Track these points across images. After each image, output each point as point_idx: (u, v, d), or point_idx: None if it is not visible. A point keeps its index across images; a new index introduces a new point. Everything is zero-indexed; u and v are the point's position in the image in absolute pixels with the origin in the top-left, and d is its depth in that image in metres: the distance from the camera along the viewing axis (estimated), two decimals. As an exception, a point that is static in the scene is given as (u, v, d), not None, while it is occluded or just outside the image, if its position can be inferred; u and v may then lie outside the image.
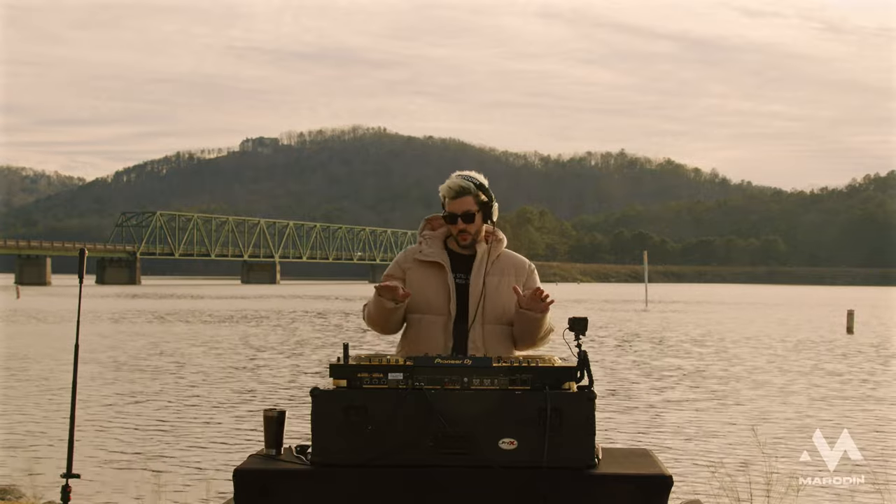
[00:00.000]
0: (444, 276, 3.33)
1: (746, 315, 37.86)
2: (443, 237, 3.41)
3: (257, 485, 2.80)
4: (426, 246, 3.39)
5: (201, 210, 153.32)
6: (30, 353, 17.47)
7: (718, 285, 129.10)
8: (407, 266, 3.38)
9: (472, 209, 3.32)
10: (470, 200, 3.32)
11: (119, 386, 12.55)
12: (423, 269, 3.35)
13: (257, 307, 41.29)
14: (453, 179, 3.37)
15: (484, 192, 3.36)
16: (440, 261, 3.34)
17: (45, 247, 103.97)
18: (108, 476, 7.04)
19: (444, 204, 3.36)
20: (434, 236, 3.42)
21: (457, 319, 3.29)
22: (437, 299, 3.31)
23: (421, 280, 3.34)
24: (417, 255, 3.38)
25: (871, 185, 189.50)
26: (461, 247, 3.37)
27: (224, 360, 16.51)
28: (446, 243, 3.40)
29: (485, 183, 3.38)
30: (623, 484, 2.75)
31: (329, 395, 2.82)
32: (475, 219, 3.33)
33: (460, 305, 3.31)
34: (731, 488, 5.38)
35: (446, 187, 3.35)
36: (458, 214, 3.32)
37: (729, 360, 17.07)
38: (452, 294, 3.31)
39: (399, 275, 3.36)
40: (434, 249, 3.37)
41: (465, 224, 3.32)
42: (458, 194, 3.32)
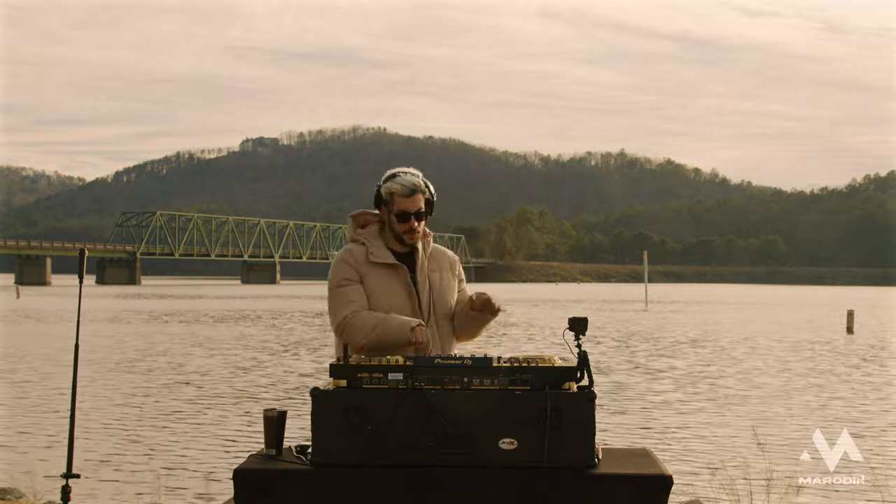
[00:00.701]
0: (404, 278, 3.31)
1: (746, 315, 37.86)
2: (379, 235, 3.37)
3: (257, 485, 2.80)
4: (374, 247, 3.33)
5: (201, 210, 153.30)
6: (29, 353, 17.46)
7: (718, 285, 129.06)
8: (363, 270, 3.29)
9: (423, 208, 3.32)
10: (421, 198, 3.31)
11: (119, 386, 12.55)
12: (381, 271, 3.30)
13: (257, 307, 41.28)
14: (404, 177, 3.31)
15: (429, 190, 3.36)
16: (396, 262, 3.31)
17: (45, 247, 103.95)
18: (108, 476, 7.04)
19: (388, 201, 3.31)
20: (372, 235, 3.37)
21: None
22: (402, 303, 3.28)
23: (381, 283, 3.29)
24: (371, 257, 3.30)
25: (871, 185, 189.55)
26: (405, 245, 3.34)
27: (224, 360, 16.51)
28: (386, 242, 3.37)
29: (425, 179, 3.39)
30: (623, 484, 2.75)
31: (329, 395, 2.82)
32: (424, 217, 3.34)
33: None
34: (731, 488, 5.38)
35: (398, 185, 3.29)
36: (411, 213, 3.29)
37: (729, 361, 17.07)
38: (415, 295, 3.30)
39: (357, 279, 3.28)
40: (382, 250, 3.33)
41: (416, 222, 3.30)
42: (412, 192, 3.29)
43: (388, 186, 3.31)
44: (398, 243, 3.36)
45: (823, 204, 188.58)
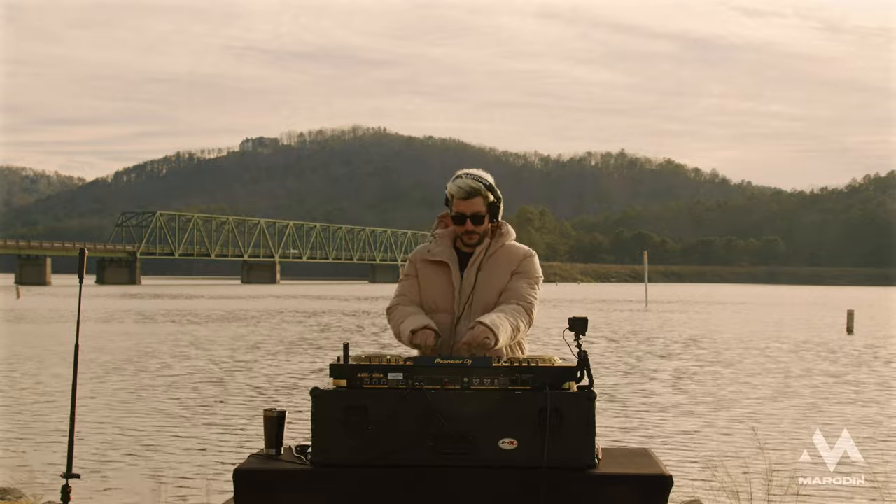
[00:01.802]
0: (449, 276, 3.33)
1: (746, 315, 37.85)
2: (452, 235, 3.41)
3: (257, 485, 2.80)
4: (435, 245, 3.39)
5: (201, 210, 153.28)
6: (29, 353, 17.46)
7: (718, 285, 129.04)
8: (419, 265, 3.40)
9: (482, 211, 3.30)
10: (479, 202, 3.29)
11: (118, 386, 12.54)
12: (432, 268, 3.37)
13: (256, 307, 41.28)
14: (463, 179, 3.31)
15: (493, 193, 3.34)
16: (447, 260, 3.34)
17: (45, 247, 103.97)
18: (108, 476, 7.04)
19: (450, 202, 3.34)
20: (444, 234, 3.42)
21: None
22: (444, 298, 3.32)
23: (429, 279, 3.36)
24: (426, 254, 3.39)
25: (871, 185, 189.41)
26: (467, 246, 3.37)
27: (224, 359, 16.51)
28: (456, 242, 3.40)
29: (493, 182, 3.36)
30: (623, 484, 2.75)
31: (329, 395, 2.82)
32: (484, 220, 3.31)
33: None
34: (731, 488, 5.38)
35: (456, 187, 3.30)
36: (466, 215, 3.30)
37: (728, 361, 17.07)
38: (457, 293, 3.32)
39: (414, 273, 3.40)
40: (442, 248, 3.37)
41: (473, 226, 3.31)
42: (468, 195, 3.29)
43: (449, 187, 3.35)
44: (463, 244, 3.39)
45: (823, 204, 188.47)
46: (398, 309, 3.34)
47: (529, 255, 3.39)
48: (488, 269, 3.32)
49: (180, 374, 14.09)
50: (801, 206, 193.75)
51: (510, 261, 3.35)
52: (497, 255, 3.35)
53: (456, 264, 3.34)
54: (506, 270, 3.33)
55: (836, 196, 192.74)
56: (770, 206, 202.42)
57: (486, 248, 3.35)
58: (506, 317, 3.16)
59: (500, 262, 3.34)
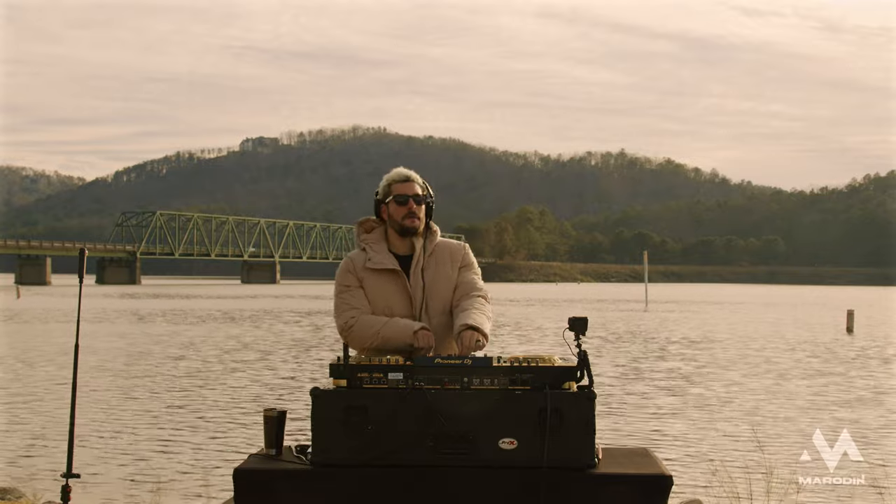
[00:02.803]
0: (402, 282, 3.32)
1: (746, 315, 37.85)
2: (383, 239, 3.40)
3: (257, 485, 2.80)
4: (373, 253, 3.35)
5: (201, 210, 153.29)
6: (29, 352, 17.47)
7: (718, 285, 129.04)
8: (361, 275, 3.33)
9: (420, 193, 3.35)
10: (417, 186, 3.36)
11: (118, 386, 12.54)
12: (378, 277, 3.32)
13: (254, 307, 41.28)
14: (397, 169, 3.42)
15: (426, 189, 3.40)
16: (394, 267, 3.32)
17: (45, 247, 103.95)
18: (108, 476, 7.04)
19: (386, 193, 3.36)
20: (376, 240, 3.39)
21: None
22: (400, 305, 3.29)
23: (378, 288, 3.31)
24: (368, 263, 3.33)
25: (871, 185, 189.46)
26: (406, 232, 3.34)
27: (224, 359, 16.51)
28: (389, 246, 3.39)
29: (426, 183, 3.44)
30: (623, 484, 2.75)
31: (329, 395, 2.82)
32: (423, 203, 3.35)
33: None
34: (731, 488, 5.38)
35: (393, 174, 3.39)
36: (409, 195, 3.33)
37: (729, 360, 17.07)
38: (414, 297, 3.31)
39: (357, 284, 3.32)
40: (382, 256, 3.34)
41: (416, 206, 3.33)
42: (407, 179, 3.36)
43: (384, 180, 3.40)
44: (400, 243, 3.37)
45: (823, 204, 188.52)
46: (362, 320, 3.24)
47: (466, 247, 3.47)
48: (432, 268, 3.34)
49: (180, 374, 14.09)
50: (801, 206, 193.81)
51: (452, 256, 3.39)
52: (436, 254, 3.38)
53: (399, 269, 3.32)
54: (452, 266, 3.37)
55: (836, 196, 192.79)
56: (770, 206, 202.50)
57: (424, 248, 3.37)
58: (480, 311, 3.23)
59: (443, 259, 3.37)
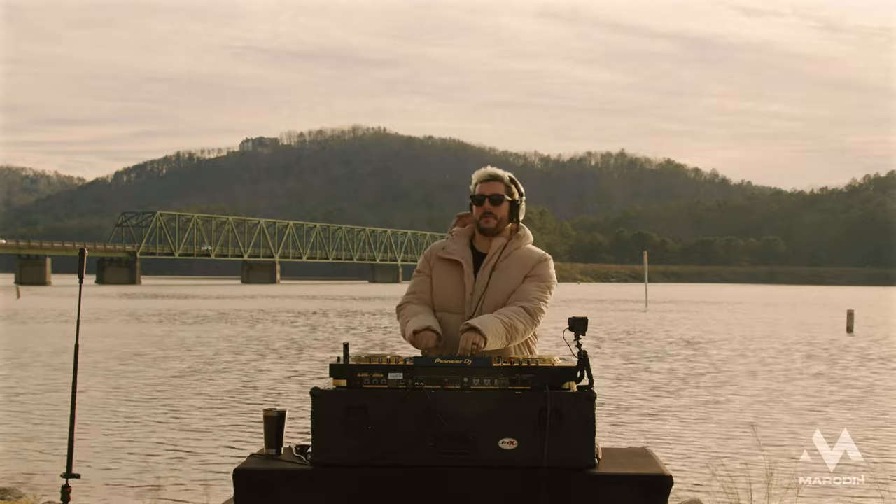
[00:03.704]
0: (462, 275, 3.31)
1: (746, 315, 37.85)
2: (469, 235, 3.40)
3: (257, 485, 2.80)
4: (451, 243, 3.39)
5: (201, 210, 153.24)
6: (29, 352, 17.46)
7: (718, 285, 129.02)
8: (433, 262, 3.39)
9: (501, 193, 3.31)
10: (500, 186, 3.32)
11: (118, 386, 12.54)
12: (445, 266, 3.35)
13: (256, 307, 41.28)
14: (486, 168, 3.40)
15: (515, 187, 3.36)
16: (461, 259, 3.33)
17: (45, 247, 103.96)
18: (108, 476, 7.04)
19: (473, 190, 3.36)
20: (461, 233, 3.41)
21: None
22: (455, 298, 3.30)
23: (442, 277, 3.35)
24: (441, 251, 3.38)
25: (871, 185, 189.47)
26: (484, 233, 3.33)
27: (224, 359, 16.50)
28: (472, 241, 3.39)
29: (516, 180, 3.39)
30: (623, 484, 2.75)
31: (329, 395, 2.82)
32: (502, 203, 3.31)
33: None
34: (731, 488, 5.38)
35: (480, 172, 3.37)
36: (486, 195, 3.31)
37: (728, 360, 17.07)
38: (468, 293, 3.30)
39: (427, 271, 3.39)
40: (458, 247, 3.36)
41: (491, 206, 3.30)
42: (490, 178, 3.34)
43: (473, 175, 3.39)
44: (484, 241, 3.36)
45: (823, 204, 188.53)
46: (407, 307, 3.34)
47: (544, 259, 3.37)
48: (502, 269, 3.30)
49: (180, 374, 14.09)
50: (801, 206, 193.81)
51: (525, 264, 3.33)
52: (512, 257, 3.33)
53: (470, 264, 3.32)
54: (519, 273, 3.31)
55: (836, 196, 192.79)
56: (770, 206, 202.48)
57: (502, 249, 3.33)
58: (498, 317, 3.14)
59: (515, 265, 3.32)
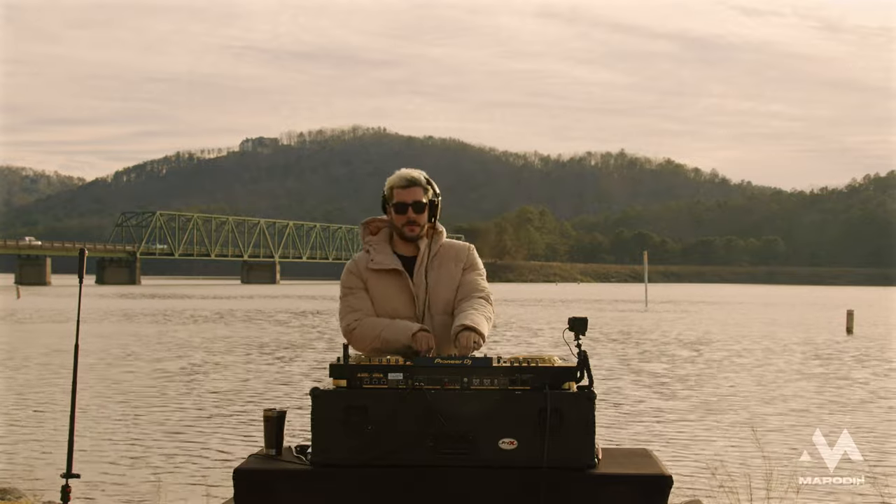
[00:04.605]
0: (405, 283, 3.30)
1: (745, 315, 37.85)
2: (387, 240, 3.37)
3: (257, 485, 2.80)
4: (376, 253, 3.33)
5: (201, 210, 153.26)
6: (29, 352, 17.46)
7: (718, 285, 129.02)
8: (365, 276, 3.32)
9: (422, 199, 3.29)
10: (419, 191, 3.30)
11: (118, 386, 12.54)
12: (381, 278, 3.31)
13: (256, 307, 41.28)
14: (402, 171, 3.35)
15: (432, 188, 3.34)
16: (397, 267, 3.30)
17: (45, 247, 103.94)
18: (108, 476, 7.04)
19: (389, 196, 3.32)
20: (379, 241, 3.37)
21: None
22: (404, 306, 3.28)
23: (382, 289, 3.30)
24: (370, 264, 3.32)
25: (871, 185, 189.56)
26: (406, 240, 3.33)
27: (224, 359, 16.51)
28: (393, 246, 3.37)
29: (431, 180, 3.37)
30: (623, 484, 2.75)
31: (329, 395, 2.81)
32: (424, 210, 3.30)
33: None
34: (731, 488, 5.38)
35: (395, 178, 3.32)
36: (408, 203, 3.28)
37: (728, 361, 17.07)
38: (416, 298, 3.29)
39: (361, 286, 3.31)
40: (385, 256, 3.32)
41: (415, 214, 3.28)
42: (409, 184, 3.30)
43: (387, 182, 3.34)
44: (404, 245, 3.35)
45: (823, 204, 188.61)
46: (364, 322, 3.24)
47: (471, 248, 3.43)
48: (436, 268, 3.32)
49: (180, 374, 14.09)
50: (801, 206, 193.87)
51: (456, 256, 3.37)
52: (440, 254, 3.35)
53: (402, 270, 3.31)
54: (454, 267, 3.34)
55: (836, 196, 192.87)
56: (770, 206, 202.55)
57: (429, 249, 3.34)
58: (478, 312, 3.20)
59: (447, 260, 3.35)
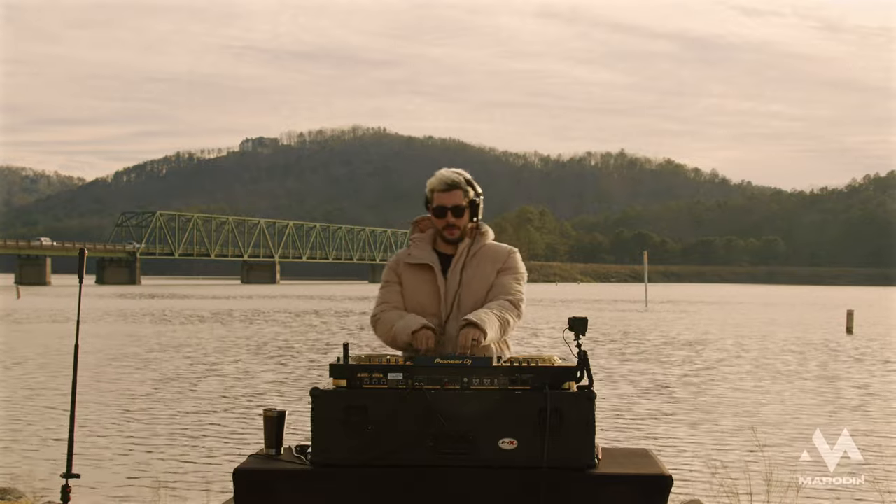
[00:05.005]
0: (433, 278, 3.31)
1: (745, 315, 37.85)
2: (431, 239, 3.40)
3: (257, 485, 2.80)
4: (415, 249, 3.37)
5: (201, 210, 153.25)
6: (29, 352, 17.46)
7: (718, 285, 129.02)
8: (400, 270, 3.37)
9: (462, 203, 3.30)
10: (459, 195, 3.30)
11: (118, 386, 12.54)
12: (414, 272, 3.34)
13: (255, 307, 41.27)
14: (443, 173, 3.34)
15: (472, 188, 3.34)
16: (429, 262, 3.32)
17: (45, 247, 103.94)
18: (108, 476, 7.04)
19: (430, 199, 3.33)
20: (422, 238, 3.40)
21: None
22: (429, 302, 3.30)
23: (413, 284, 3.33)
24: (407, 258, 3.36)
25: (871, 185, 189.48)
26: (447, 242, 3.34)
27: (224, 359, 16.51)
28: (435, 244, 3.39)
29: (471, 179, 3.37)
30: (623, 484, 2.75)
31: (329, 395, 2.81)
32: (464, 213, 3.31)
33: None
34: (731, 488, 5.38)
35: (436, 180, 3.32)
36: (447, 207, 3.29)
37: (728, 360, 17.07)
38: (443, 295, 3.30)
39: (395, 280, 3.37)
40: (422, 252, 3.35)
41: (454, 218, 3.29)
42: (448, 187, 3.29)
43: (429, 182, 3.34)
44: (446, 244, 3.36)
45: (823, 204, 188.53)
46: (385, 315, 3.30)
47: (513, 252, 3.40)
48: (472, 268, 3.31)
49: (179, 374, 14.09)
50: (801, 206, 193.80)
51: (495, 259, 3.35)
52: (480, 255, 3.35)
53: (438, 266, 3.32)
54: (491, 268, 3.33)
55: (836, 196, 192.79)
56: (770, 206, 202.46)
57: (469, 248, 3.34)
58: (493, 312, 3.17)
59: (485, 261, 3.34)
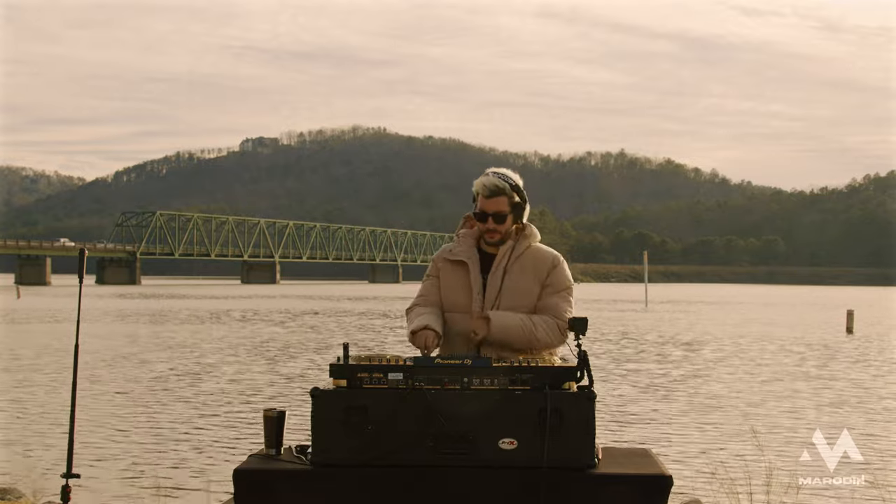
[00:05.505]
0: (467, 276, 3.31)
1: (745, 315, 37.85)
2: (476, 235, 3.39)
3: (257, 485, 2.80)
4: (457, 244, 3.39)
5: (201, 210, 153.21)
6: (29, 352, 17.46)
7: (718, 285, 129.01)
8: (440, 265, 3.40)
9: (505, 210, 3.27)
10: (504, 201, 3.27)
11: (118, 386, 12.54)
12: (452, 267, 3.35)
13: (255, 307, 41.26)
14: (490, 178, 3.29)
15: (518, 194, 3.31)
16: (466, 260, 3.32)
17: (45, 247, 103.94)
18: (108, 476, 7.04)
19: (475, 199, 3.32)
20: (468, 234, 3.40)
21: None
22: (462, 298, 3.30)
23: (450, 279, 3.35)
24: (447, 253, 3.39)
25: (871, 185, 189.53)
26: (488, 244, 3.33)
27: (223, 359, 16.50)
28: (479, 243, 3.38)
29: (520, 184, 3.33)
30: (623, 484, 2.75)
31: (329, 395, 2.81)
32: (506, 219, 3.28)
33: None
34: (731, 488, 5.38)
35: (481, 185, 3.28)
36: (489, 213, 3.27)
37: (728, 360, 17.07)
38: (476, 292, 3.29)
39: (435, 274, 3.40)
40: (464, 248, 3.36)
41: (495, 224, 3.28)
42: (492, 193, 3.26)
43: (475, 184, 3.32)
44: (485, 243, 3.36)
45: (823, 204, 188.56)
46: (415, 310, 3.35)
47: (557, 263, 3.33)
48: (514, 272, 3.29)
49: (179, 374, 14.08)
50: (801, 206, 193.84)
51: (537, 266, 3.30)
52: (523, 258, 3.31)
53: (476, 264, 3.32)
54: (533, 276, 3.29)
55: (836, 196, 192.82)
56: (770, 206, 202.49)
57: (511, 250, 3.31)
58: (518, 316, 3.18)
59: (527, 267, 3.30)
